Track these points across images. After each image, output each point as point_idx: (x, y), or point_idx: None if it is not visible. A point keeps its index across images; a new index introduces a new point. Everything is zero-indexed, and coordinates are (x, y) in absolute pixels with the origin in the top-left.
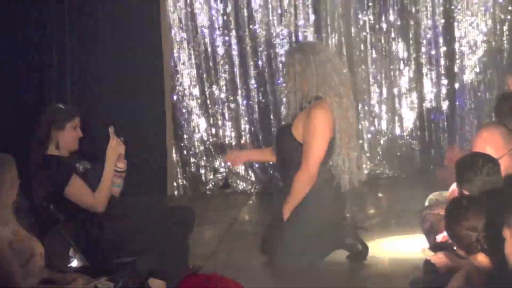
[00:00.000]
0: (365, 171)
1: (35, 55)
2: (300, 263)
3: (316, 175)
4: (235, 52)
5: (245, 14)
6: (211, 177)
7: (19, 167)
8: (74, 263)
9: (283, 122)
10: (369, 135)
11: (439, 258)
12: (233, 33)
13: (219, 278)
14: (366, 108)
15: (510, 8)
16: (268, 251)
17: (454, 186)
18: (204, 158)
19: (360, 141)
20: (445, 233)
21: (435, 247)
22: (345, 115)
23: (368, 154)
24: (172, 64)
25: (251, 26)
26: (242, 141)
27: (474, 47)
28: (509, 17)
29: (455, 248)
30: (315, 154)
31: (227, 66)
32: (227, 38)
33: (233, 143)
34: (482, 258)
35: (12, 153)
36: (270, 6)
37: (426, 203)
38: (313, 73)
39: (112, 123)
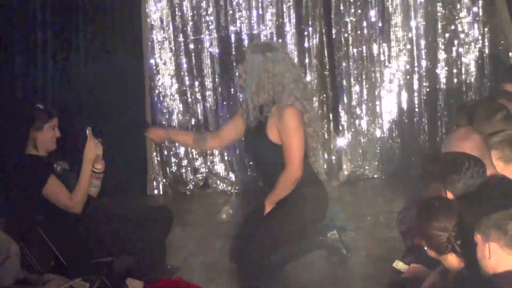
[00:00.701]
0: (345, 173)
1: (14, 54)
2: (269, 261)
3: (301, 174)
4: (216, 52)
5: (228, 13)
6: (191, 177)
7: None
8: (52, 263)
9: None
10: (350, 137)
11: (414, 270)
12: (214, 33)
13: (182, 283)
14: (345, 108)
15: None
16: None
17: (432, 187)
18: (185, 158)
19: (344, 143)
20: None
21: (411, 249)
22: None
23: (349, 156)
24: (153, 64)
25: (231, 28)
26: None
27: (457, 49)
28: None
29: (426, 248)
30: (297, 154)
31: (208, 67)
32: (208, 38)
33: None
34: (452, 259)
35: None
36: (251, 5)
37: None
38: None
39: (92, 123)
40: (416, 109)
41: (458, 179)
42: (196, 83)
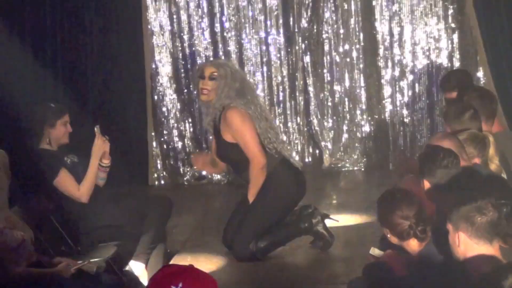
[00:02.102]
0: (326, 164)
1: (27, 55)
2: (260, 245)
3: (265, 160)
4: (210, 55)
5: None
6: (188, 169)
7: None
8: (62, 247)
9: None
10: (332, 132)
11: (388, 256)
12: (209, 37)
13: (194, 270)
14: (329, 104)
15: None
16: (228, 240)
17: (405, 179)
18: (182, 152)
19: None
20: None
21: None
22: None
23: (328, 150)
24: (153, 66)
25: (225, 34)
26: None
27: (428, 53)
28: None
29: (388, 236)
30: (252, 144)
31: None
32: (204, 42)
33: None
34: (414, 243)
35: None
36: (242, 14)
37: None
38: (228, 85)
39: (99, 120)
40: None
41: (434, 168)
42: (193, 84)
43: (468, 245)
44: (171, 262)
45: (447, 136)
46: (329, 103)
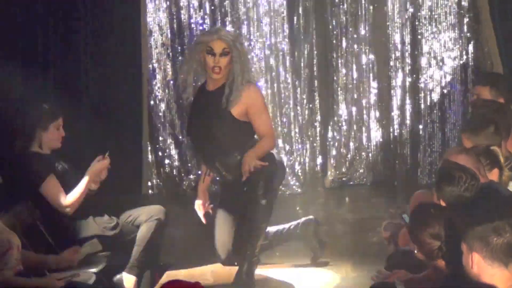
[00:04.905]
0: (330, 178)
1: (20, 57)
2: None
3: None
4: None
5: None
6: (184, 178)
7: (2, 163)
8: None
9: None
10: (336, 144)
11: (396, 275)
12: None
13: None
14: (335, 118)
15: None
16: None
17: (416, 194)
18: (178, 160)
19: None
20: None
21: (395, 254)
22: None
23: (332, 163)
24: (150, 69)
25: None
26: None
27: (440, 63)
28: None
29: (415, 251)
30: (270, 122)
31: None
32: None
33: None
34: (440, 264)
35: None
36: (247, 16)
37: (388, 214)
38: (246, 59)
39: (92, 125)
40: (403, 119)
41: (452, 190)
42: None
43: (482, 266)
44: (164, 275)
45: (464, 151)
46: (336, 113)
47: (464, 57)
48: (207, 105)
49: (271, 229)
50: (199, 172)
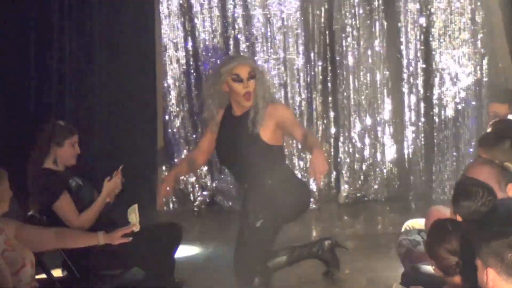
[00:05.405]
0: (344, 194)
1: (35, 74)
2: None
3: None
4: None
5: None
6: (199, 194)
7: (17, 178)
8: (64, 273)
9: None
10: (350, 160)
11: None
12: (222, 57)
13: None
14: (346, 134)
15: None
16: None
17: (432, 210)
18: (192, 176)
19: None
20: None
21: (412, 270)
22: None
23: (346, 179)
24: (165, 85)
25: (242, 48)
26: None
27: (454, 79)
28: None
29: (432, 267)
30: (302, 129)
31: None
32: (218, 60)
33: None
34: (458, 281)
35: (9, 164)
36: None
37: (403, 229)
38: (267, 81)
39: (107, 140)
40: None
41: (469, 205)
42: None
43: (497, 283)
44: None
45: (489, 163)
46: (350, 129)
47: (478, 72)
48: (235, 130)
49: (286, 247)
50: (213, 188)
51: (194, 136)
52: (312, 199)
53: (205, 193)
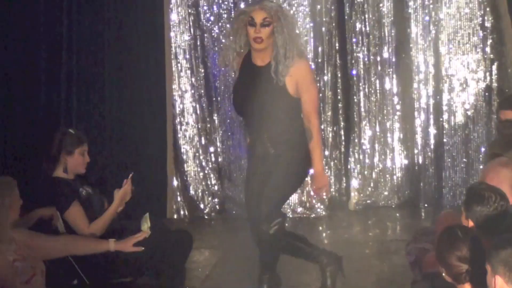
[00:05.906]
0: (354, 201)
1: (43, 84)
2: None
3: None
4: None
5: None
6: (209, 201)
7: (27, 186)
8: (74, 281)
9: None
10: (360, 167)
11: None
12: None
13: None
14: (356, 140)
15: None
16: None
17: (442, 214)
18: (203, 183)
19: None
20: None
21: (422, 279)
22: None
23: (356, 185)
24: (174, 92)
25: None
26: None
27: (464, 85)
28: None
29: (443, 274)
30: (317, 100)
31: (227, 95)
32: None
33: (232, 169)
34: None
35: (20, 173)
36: None
37: (412, 237)
38: (291, 32)
39: (116, 148)
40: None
41: (481, 210)
42: (215, 111)
43: None
44: None
45: (505, 167)
46: (360, 136)
47: (488, 78)
48: (257, 81)
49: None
50: (223, 195)
51: (204, 142)
52: (322, 206)
53: (215, 200)
